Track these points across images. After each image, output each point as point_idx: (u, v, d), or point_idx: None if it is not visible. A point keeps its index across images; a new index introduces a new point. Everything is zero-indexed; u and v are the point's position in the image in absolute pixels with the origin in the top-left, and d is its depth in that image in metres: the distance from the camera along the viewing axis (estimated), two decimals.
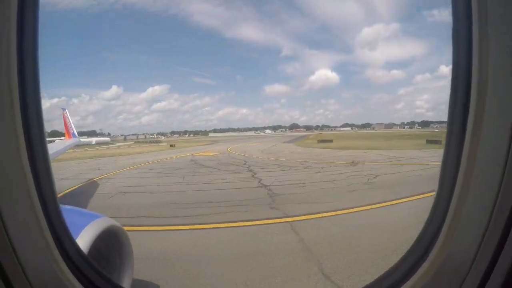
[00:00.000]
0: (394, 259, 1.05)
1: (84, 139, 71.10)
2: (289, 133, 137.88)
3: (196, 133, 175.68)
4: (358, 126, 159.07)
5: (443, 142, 0.96)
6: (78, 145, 55.55)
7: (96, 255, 1.80)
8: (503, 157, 0.73)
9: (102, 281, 1.21)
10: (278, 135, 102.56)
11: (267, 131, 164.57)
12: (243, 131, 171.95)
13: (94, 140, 70.43)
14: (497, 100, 0.74)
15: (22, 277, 0.91)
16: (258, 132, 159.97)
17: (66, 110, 14.88)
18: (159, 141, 68.23)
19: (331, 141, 37.06)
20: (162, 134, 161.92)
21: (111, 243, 2.00)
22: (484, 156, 0.77)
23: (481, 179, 0.78)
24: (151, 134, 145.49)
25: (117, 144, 65.87)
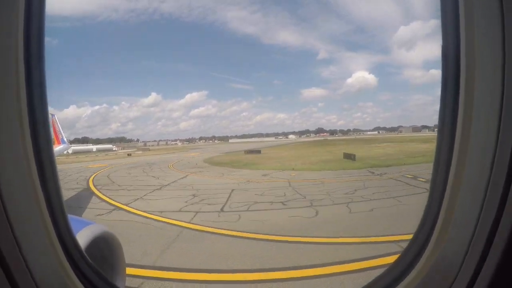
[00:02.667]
0: None
1: (84, 147, 77.42)
2: (312, 138, 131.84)
3: (221, 138, 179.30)
4: (388, 130, 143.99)
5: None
6: (78, 152, 61.12)
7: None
8: (490, 159, 0.75)
9: (105, 285, 1.23)
10: (281, 141, 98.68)
11: (291, 136, 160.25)
12: (266, 137, 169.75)
13: (95, 147, 76.16)
14: (483, 99, 0.77)
15: (29, 278, 0.92)
16: (280, 137, 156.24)
17: (55, 116, 15.07)
18: (147, 149, 71.40)
19: (259, 151, 33.18)
20: (189, 141, 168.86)
21: (103, 250, 1.91)
22: (472, 158, 0.80)
23: (470, 180, 0.80)
24: (174, 141, 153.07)
25: (124, 150, 69.29)
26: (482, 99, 0.77)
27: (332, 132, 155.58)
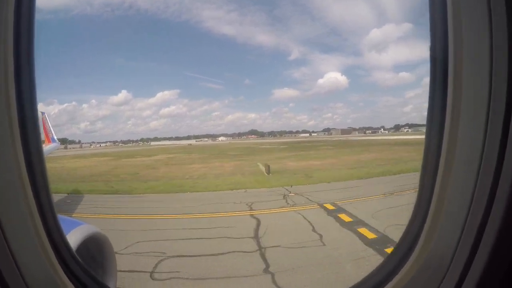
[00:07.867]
0: None
1: None
2: (240, 139, 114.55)
3: (147, 140, 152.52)
4: (321, 131, 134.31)
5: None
6: None
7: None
8: (478, 156, 0.75)
9: (96, 285, 1.20)
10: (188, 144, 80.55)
11: (221, 138, 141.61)
12: (194, 138, 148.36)
13: None
14: (471, 98, 0.76)
15: (19, 277, 0.90)
16: (206, 139, 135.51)
17: (45, 114, 14.07)
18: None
19: None
20: (126, 142, 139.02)
21: (94, 250, 1.88)
22: (461, 155, 0.79)
23: (458, 178, 0.80)
24: (104, 143, 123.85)
25: None
26: (470, 98, 0.76)
27: (262, 135, 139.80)
